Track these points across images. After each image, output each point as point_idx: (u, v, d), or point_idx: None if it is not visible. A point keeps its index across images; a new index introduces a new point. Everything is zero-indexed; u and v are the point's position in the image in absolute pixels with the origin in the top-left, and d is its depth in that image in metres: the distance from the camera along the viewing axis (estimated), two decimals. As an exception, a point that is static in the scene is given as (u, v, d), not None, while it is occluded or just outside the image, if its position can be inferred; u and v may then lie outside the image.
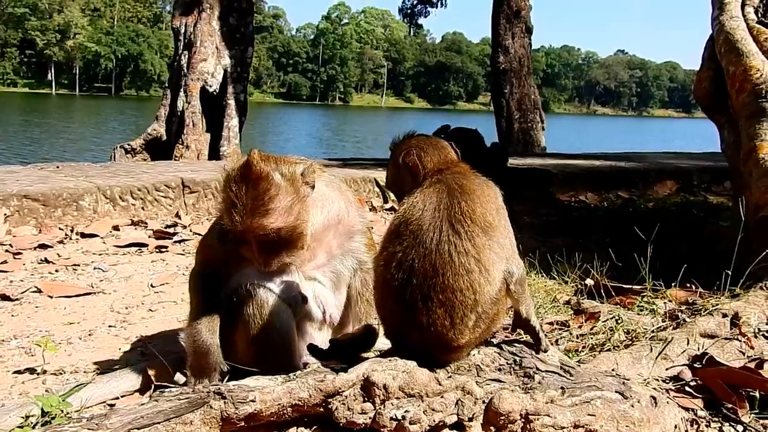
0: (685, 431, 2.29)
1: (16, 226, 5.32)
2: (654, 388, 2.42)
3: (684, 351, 2.76)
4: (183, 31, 11.42)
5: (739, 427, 2.34)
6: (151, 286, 4.28)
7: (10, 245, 4.94)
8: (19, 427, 2.23)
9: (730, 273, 3.35)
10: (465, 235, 2.00)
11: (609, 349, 2.85)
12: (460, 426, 1.98)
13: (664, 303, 3.37)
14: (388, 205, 7.04)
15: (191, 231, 5.71)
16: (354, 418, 1.88)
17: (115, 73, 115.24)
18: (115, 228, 5.63)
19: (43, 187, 5.65)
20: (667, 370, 2.66)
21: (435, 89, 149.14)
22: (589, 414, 2.10)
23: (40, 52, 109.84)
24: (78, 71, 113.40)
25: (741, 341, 2.86)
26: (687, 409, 2.37)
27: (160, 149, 11.27)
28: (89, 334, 3.41)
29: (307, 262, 2.54)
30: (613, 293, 3.56)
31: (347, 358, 2.03)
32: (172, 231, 5.64)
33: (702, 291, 3.46)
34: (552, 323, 3.27)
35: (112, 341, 3.33)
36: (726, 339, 2.87)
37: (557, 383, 2.15)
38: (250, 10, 11.92)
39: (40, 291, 4.04)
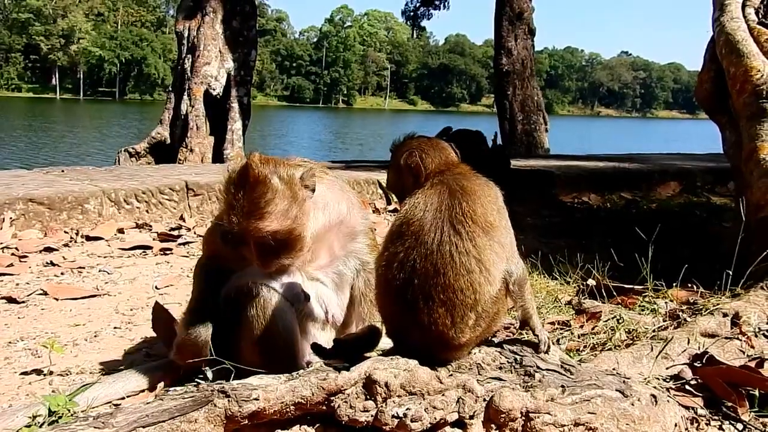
0: (686, 429, 2.30)
1: (22, 229, 5.36)
2: (654, 387, 2.44)
3: (685, 350, 2.77)
4: (186, 35, 11.49)
5: (739, 426, 2.35)
6: (156, 288, 4.31)
7: (16, 248, 4.98)
8: (26, 426, 2.26)
9: (731, 273, 3.36)
10: (466, 235, 2.02)
11: (610, 349, 2.87)
12: (461, 424, 2.00)
13: (666, 303, 3.39)
14: (391, 207, 7.06)
15: (195, 233, 5.74)
16: (356, 416, 1.90)
17: (119, 78, 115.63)
18: (120, 231, 5.67)
19: (48, 191, 5.69)
20: (667, 369, 2.67)
21: (438, 91, 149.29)
22: (589, 412, 2.12)
23: (44, 57, 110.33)
24: (82, 76, 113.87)
25: (741, 340, 2.87)
26: (687, 408, 2.39)
27: (164, 152, 11.33)
28: (95, 336, 3.44)
29: (309, 263, 2.56)
30: (614, 293, 3.57)
31: (350, 358, 2.05)
32: (176, 233, 5.67)
33: (703, 291, 3.47)
34: (554, 323, 3.29)
35: (118, 342, 3.36)
36: (726, 338, 2.88)
37: (558, 382, 2.17)
38: (253, 13, 11.99)
39: (46, 293, 4.07)
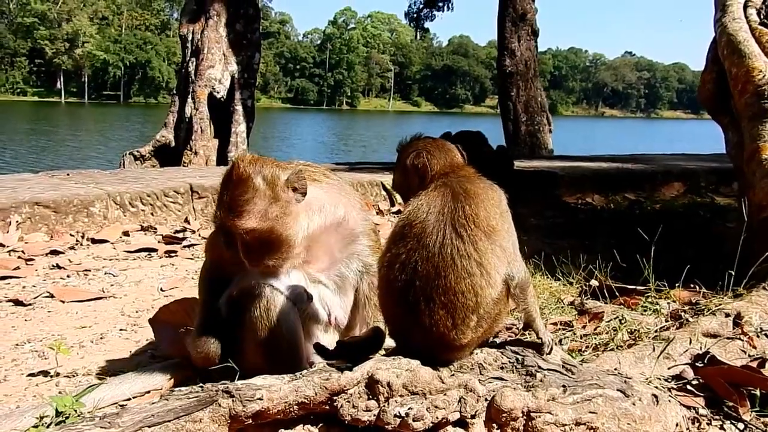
0: (687, 429, 2.32)
1: (28, 232, 5.39)
2: (656, 387, 2.45)
3: (686, 350, 2.78)
4: (190, 38, 11.54)
5: (740, 425, 2.37)
6: (161, 290, 4.34)
7: (23, 252, 5.01)
8: (34, 427, 2.28)
9: (734, 273, 3.37)
10: (468, 238, 2.04)
11: (612, 349, 2.88)
12: (462, 423, 2.01)
13: (668, 303, 3.40)
14: (395, 209, 7.08)
15: (200, 236, 5.77)
16: (359, 415, 1.92)
17: (124, 81, 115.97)
18: (125, 233, 5.70)
19: (54, 194, 5.73)
20: (669, 369, 2.69)
21: (442, 93, 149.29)
22: (590, 411, 2.14)
23: (49, 61, 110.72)
24: (87, 79, 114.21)
25: (743, 341, 2.89)
26: (688, 408, 2.40)
27: (169, 155, 11.37)
28: (101, 338, 3.47)
29: (309, 265, 2.58)
30: (617, 294, 3.59)
31: (353, 359, 2.08)
32: (181, 236, 5.70)
33: (705, 291, 3.48)
34: (556, 323, 3.30)
35: (123, 344, 3.38)
36: (728, 338, 2.90)
37: (559, 381, 2.18)
38: (256, 16, 12.02)
39: (52, 296, 4.10)
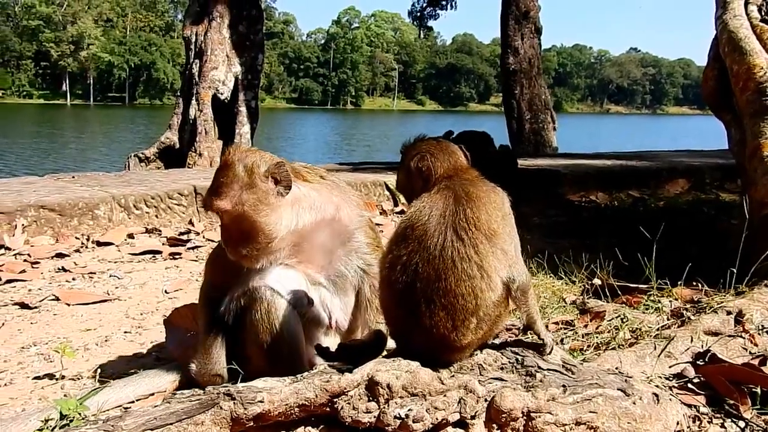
0: (687, 428, 2.32)
1: (33, 236, 5.43)
2: (657, 386, 2.46)
3: (688, 349, 2.78)
4: (194, 40, 11.56)
5: (741, 423, 2.37)
6: (165, 292, 4.37)
7: (29, 255, 5.05)
8: (38, 430, 2.31)
9: (735, 271, 3.37)
10: (468, 241, 2.05)
11: (614, 348, 2.89)
12: (462, 424, 2.03)
13: (670, 302, 3.40)
14: (399, 209, 7.09)
15: (204, 237, 5.80)
16: (359, 417, 1.94)
17: (129, 83, 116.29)
18: (130, 236, 5.73)
19: (59, 198, 5.76)
20: (670, 367, 2.69)
21: (446, 91, 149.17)
22: (590, 411, 2.15)
23: (55, 64, 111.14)
24: (92, 81, 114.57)
25: (744, 338, 2.89)
26: (689, 406, 2.41)
27: (174, 157, 11.40)
28: (105, 340, 3.49)
29: (307, 266, 2.60)
30: (619, 292, 3.59)
31: (355, 362, 2.09)
32: (185, 238, 5.73)
33: (707, 289, 3.47)
34: (558, 323, 3.31)
35: (128, 347, 3.41)
36: (730, 336, 2.90)
37: (559, 381, 2.19)
38: (259, 17, 12.03)
39: (57, 299, 4.13)
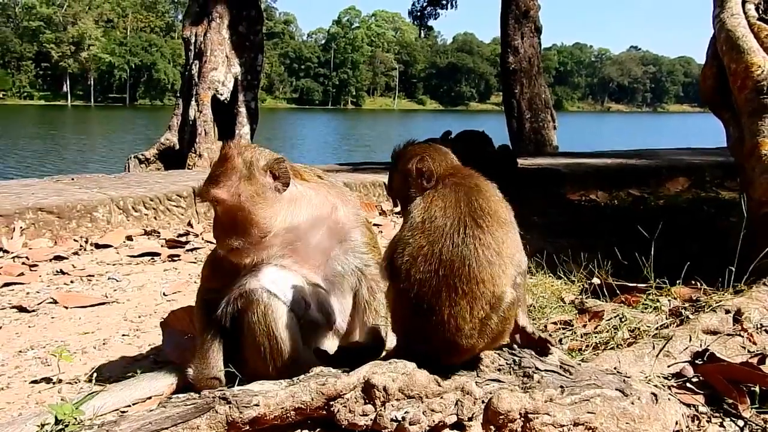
0: (686, 427, 2.31)
1: (32, 238, 5.42)
2: (655, 385, 2.45)
3: (686, 348, 2.78)
4: (193, 40, 11.55)
5: (740, 422, 2.36)
6: (164, 294, 4.36)
7: (27, 257, 5.04)
8: (34, 434, 2.30)
9: (734, 269, 3.36)
10: (486, 229, 2.12)
11: (612, 348, 2.88)
12: (460, 426, 2.02)
13: (669, 301, 3.39)
14: (398, 208, 7.06)
15: (203, 239, 5.79)
16: (355, 419, 1.93)
17: (129, 83, 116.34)
18: (129, 238, 5.73)
19: (57, 200, 5.76)
20: (669, 367, 2.68)
21: (447, 90, 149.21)
22: (588, 412, 2.14)
23: (55, 65, 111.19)
24: (92, 82, 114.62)
25: (743, 337, 2.88)
26: (688, 405, 2.40)
27: (174, 158, 11.40)
28: (103, 344, 3.49)
29: (303, 266, 2.59)
30: (618, 292, 3.58)
31: (354, 365, 2.08)
32: (184, 240, 5.72)
33: (706, 288, 3.47)
34: (556, 323, 3.30)
35: (126, 350, 3.40)
36: (728, 335, 2.89)
37: (556, 382, 2.19)
38: (259, 18, 12.02)
39: (55, 302, 4.13)
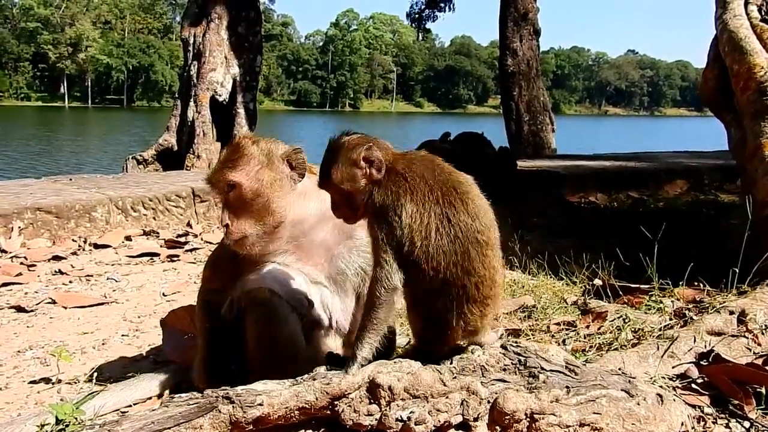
0: (692, 428, 2.29)
1: (30, 238, 5.40)
2: (660, 386, 2.43)
3: (691, 349, 2.76)
4: (192, 41, 11.52)
5: (746, 424, 2.34)
6: (163, 294, 4.34)
7: (25, 257, 5.02)
8: (34, 434, 2.28)
9: (738, 270, 3.35)
10: (471, 194, 2.14)
11: (616, 349, 2.86)
12: (465, 426, 2.00)
13: (672, 302, 3.38)
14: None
15: (202, 239, 5.77)
16: (360, 419, 1.91)
17: (127, 85, 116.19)
18: (127, 238, 5.71)
19: (56, 200, 5.74)
20: (673, 368, 2.67)
21: (445, 93, 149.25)
22: (594, 412, 2.12)
23: (53, 66, 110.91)
24: (90, 84, 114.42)
25: (748, 338, 2.86)
26: (694, 406, 2.38)
27: (172, 159, 11.36)
28: (103, 344, 3.46)
29: (306, 263, 2.57)
30: (620, 293, 3.56)
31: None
32: (183, 240, 5.70)
33: (709, 289, 3.45)
34: (559, 323, 3.28)
35: (125, 350, 3.38)
36: (733, 336, 2.87)
37: (562, 382, 2.16)
38: (258, 19, 11.99)
39: (54, 302, 4.10)
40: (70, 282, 4.59)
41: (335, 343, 2.62)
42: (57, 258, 5.07)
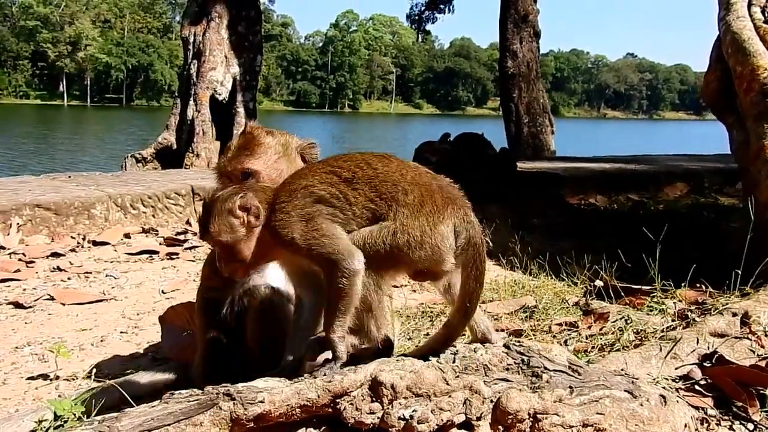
0: (695, 430, 2.28)
1: (29, 235, 5.37)
2: (663, 387, 2.41)
3: (694, 350, 2.75)
4: (192, 40, 11.51)
5: (750, 426, 2.33)
6: (162, 292, 4.32)
7: (24, 254, 5.00)
8: (32, 431, 2.26)
9: (740, 272, 3.34)
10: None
11: (618, 349, 2.85)
12: (468, 425, 1.98)
13: (674, 303, 3.36)
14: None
15: (202, 238, 5.75)
16: (362, 418, 1.89)
17: (126, 84, 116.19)
18: (126, 236, 5.69)
19: (55, 197, 5.71)
20: (676, 369, 2.65)
21: (444, 95, 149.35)
22: (597, 413, 2.10)
23: (52, 64, 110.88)
24: (89, 82, 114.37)
25: (751, 340, 2.85)
26: (697, 408, 2.37)
27: (171, 158, 11.35)
28: (101, 341, 3.44)
29: None
30: (622, 294, 3.55)
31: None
32: (182, 238, 5.68)
33: (712, 291, 3.44)
34: (561, 324, 3.27)
35: (124, 347, 3.36)
36: (736, 338, 2.85)
37: (565, 382, 2.15)
38: (258, 18, 11.99)
39: (52, 298, 4.08)
40: (69, 279, 4.57)
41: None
42: (56, 255, 5.05)
